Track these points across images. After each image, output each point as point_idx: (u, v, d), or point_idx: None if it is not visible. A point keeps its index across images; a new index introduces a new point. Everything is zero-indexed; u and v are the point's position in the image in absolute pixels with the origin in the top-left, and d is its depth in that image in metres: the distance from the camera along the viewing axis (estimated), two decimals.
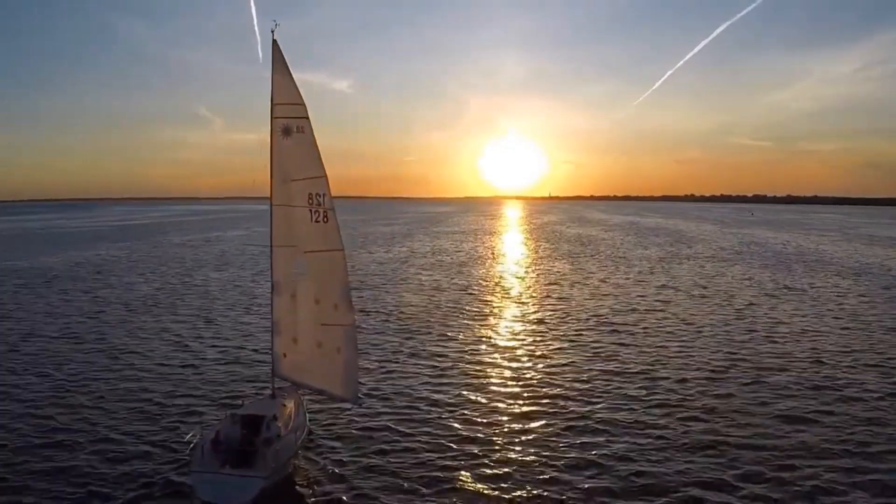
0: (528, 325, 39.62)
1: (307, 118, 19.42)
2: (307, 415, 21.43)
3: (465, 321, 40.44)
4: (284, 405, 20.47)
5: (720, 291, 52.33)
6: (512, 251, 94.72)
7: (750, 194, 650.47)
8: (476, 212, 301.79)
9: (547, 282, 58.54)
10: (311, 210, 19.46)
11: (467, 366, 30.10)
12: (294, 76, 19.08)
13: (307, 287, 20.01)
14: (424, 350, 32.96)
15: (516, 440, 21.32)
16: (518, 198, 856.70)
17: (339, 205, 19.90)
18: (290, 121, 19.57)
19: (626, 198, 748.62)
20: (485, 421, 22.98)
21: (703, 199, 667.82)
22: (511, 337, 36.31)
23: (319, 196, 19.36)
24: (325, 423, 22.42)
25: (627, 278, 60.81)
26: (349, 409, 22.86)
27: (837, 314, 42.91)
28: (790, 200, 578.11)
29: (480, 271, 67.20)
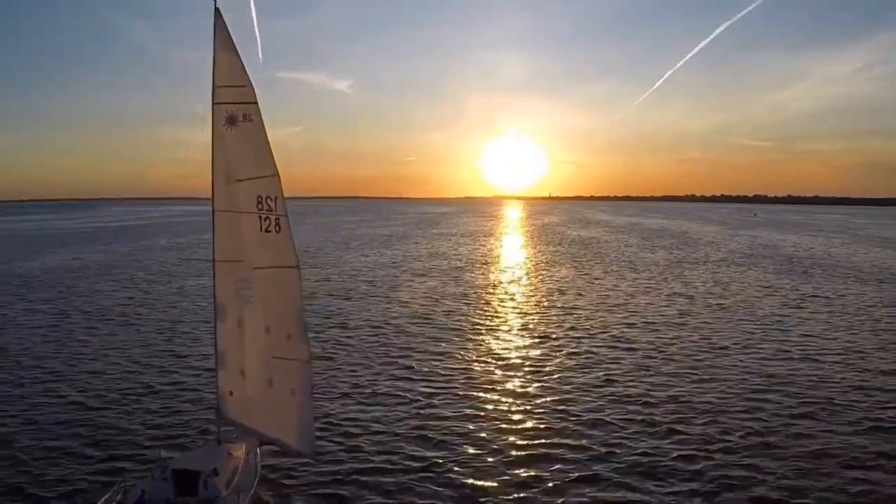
0: (531, 340, 35.56)
1: (256, 103, 15.64)
2: (260, 466, 17.51)
3: (461, 337, 36.39)
4: (231, 454, 16.79)
5: (739, 301, 48.23)
6: (512, 255, 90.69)
7: (750, 194, 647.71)
8: (476, 212, 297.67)
9: (551, 290, 54.46)
10: (260, 217, 15.65)
11: (461, 392, 26.06)
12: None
13: (256, 312, 16.14)
14: (412, 372, 28.90)
15: (518, 497, 17.35)
16: (518, 198, 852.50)
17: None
18: (236, 107, 15.81)
19: (627, 198, 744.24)
20: (481, 467, 19.03)
21: (703, 199, 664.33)
22: (512, 356, 32.21)
23: (271, 200, 15.54)
24: (282, 474, 18.39)
25: (637, 286, 56.73)
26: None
27: (873, 328, 38.83)
28: (790, 201, 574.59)
29: (478, 278, 63.11)
